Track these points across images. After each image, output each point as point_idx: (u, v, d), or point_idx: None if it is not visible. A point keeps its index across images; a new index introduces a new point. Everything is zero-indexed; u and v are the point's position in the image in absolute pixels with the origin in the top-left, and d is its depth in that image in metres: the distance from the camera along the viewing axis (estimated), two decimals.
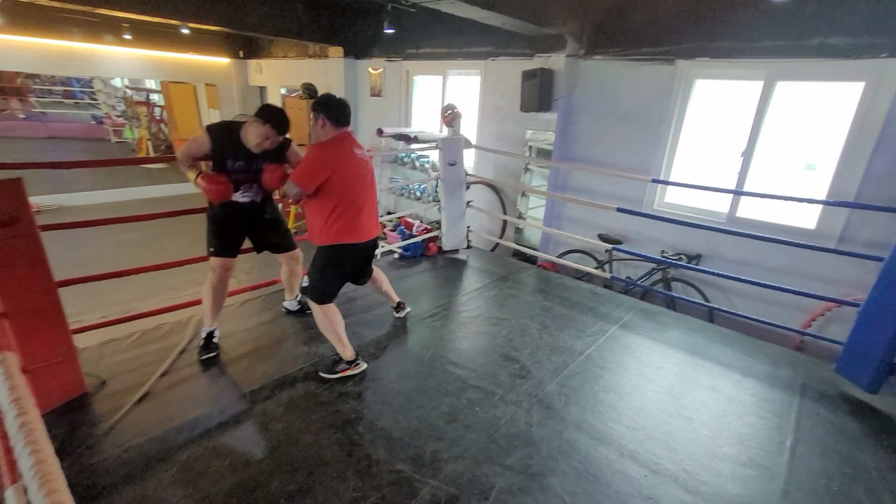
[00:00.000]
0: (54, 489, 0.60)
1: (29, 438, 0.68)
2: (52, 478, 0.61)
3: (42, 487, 0.60)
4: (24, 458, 0.65)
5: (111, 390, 2.26)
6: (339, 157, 2.27)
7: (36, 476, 0.61)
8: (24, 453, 0.65)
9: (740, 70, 3.73)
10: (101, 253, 5.62)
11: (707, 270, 3.53)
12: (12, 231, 1.71)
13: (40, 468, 0.63)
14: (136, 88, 13.54)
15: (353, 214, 2.33)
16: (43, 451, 0.66)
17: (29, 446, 0.66)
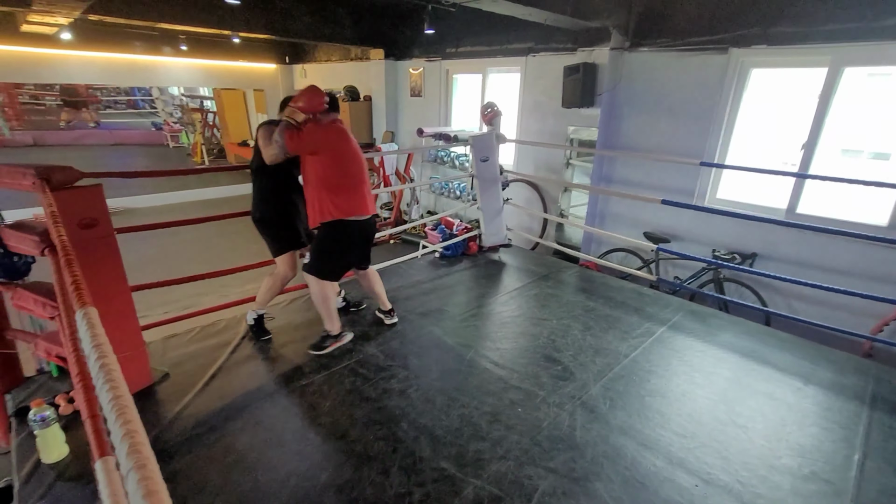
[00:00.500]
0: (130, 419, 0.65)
1: (108, 377, 0.74)
2: (128, 410, 0.66)
3: (118, 418, 0.65)
4: (103, 395, 0.72)
5: (174, 382, 2.42)
6: (335, 133, 2.46)
7: (113, 408, 0.67)
8: (104, 390, 0.72)
9: (802, 57, 3.50)
10: (161, 251, 6.01)
11: (764, 273, 3.32)
12: (93, 233, 1.88)
13: (117, 402, 0.68)
14: (190, 96, 14.35)
15: (352, 191, 2.50)
16: (120, 388, 0.72)
17: (108, 384, 0.73)
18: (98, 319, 0.90)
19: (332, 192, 2.46)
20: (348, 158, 2.49)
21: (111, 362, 0.76)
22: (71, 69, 7.62)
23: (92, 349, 0.79)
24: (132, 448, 0.57)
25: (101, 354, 0.77)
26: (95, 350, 0.78)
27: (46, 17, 4.52)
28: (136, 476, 0.53)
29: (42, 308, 1.95)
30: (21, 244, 1.90)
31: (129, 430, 0.60)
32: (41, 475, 1.82)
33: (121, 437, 0.59)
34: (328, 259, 2.58)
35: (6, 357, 2.36)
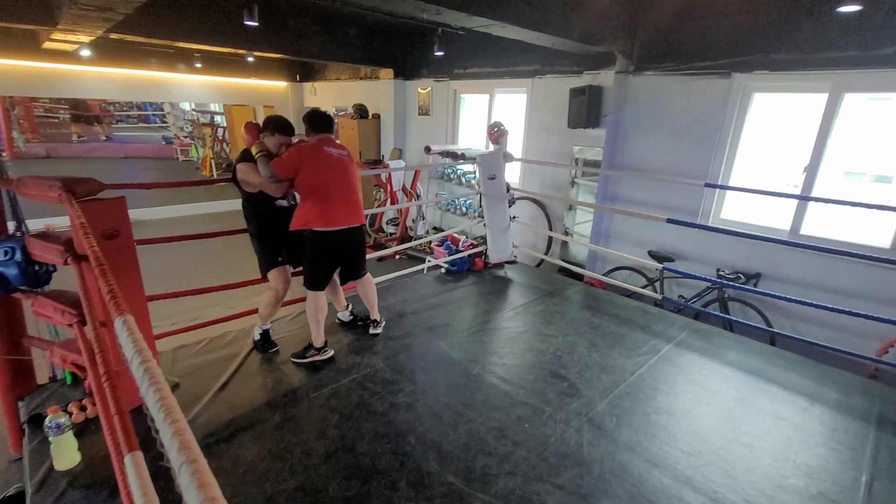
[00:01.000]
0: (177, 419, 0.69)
1: (153, 380, 0.79)
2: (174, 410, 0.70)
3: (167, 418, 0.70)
4: (149, 396, 0.76)
5: (184, 392, 2.45)
6: (310, 152, 2.59)
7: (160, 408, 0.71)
8: (150, 391, 0.76)
9: (803, 82, 3.58)
10: (169, 263, 6.07)
11: (768, 293, 3.35)
12: (115, 243, 1.94)
13: (164, 403, 0.73)
14: (201, 111, 14.64)
15: (326, 203, 2.61)
16: (164, 389, 0.77)
17: (153, 386, 0.77)
18: (136, 326, 0.95)
19: (312, 202, 2.61)
20: (324, 171, 2.60)
21: (153, 366, 0.80)
22: (88, 84, 7.82)
23: (134, 354, 0.83)
24: (182, 445, 0.61)
25: (145, 358, 0.81)
26: (138, 355, 0.83)
27: (69, 35, 4.68)
28: (188, 469, 0.57)
29: (61, 315, 2.00)
30: (45, 253, 1.96)
31: (178, 429, 0.64)
32: (53, 482, 1.84)
33: (170, 435, 0.64)
34: (309, 267, 2.74)
35: (21, 364, 2.40)
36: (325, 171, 2.61)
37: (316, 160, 2.59)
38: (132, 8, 3.33)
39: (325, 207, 2.61)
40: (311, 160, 2.58)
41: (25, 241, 2.02)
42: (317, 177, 2.59)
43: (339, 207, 2.65)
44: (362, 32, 6.61)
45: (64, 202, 1.84)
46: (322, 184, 2.60)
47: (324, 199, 2.61)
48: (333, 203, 2.64)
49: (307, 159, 2.57)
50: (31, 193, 1.99)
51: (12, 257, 1.98)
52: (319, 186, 2.60)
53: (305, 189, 2.61)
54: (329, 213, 2.62)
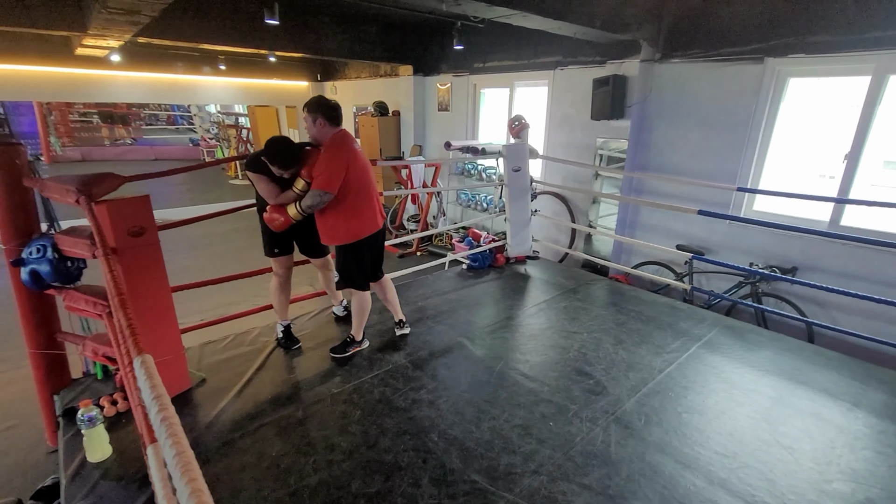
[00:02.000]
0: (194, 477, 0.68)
1: (170, 431, 0.78)
2: (193, 471, 0.69)
3: (183, 476, 0.68)
4: (167, 450, 0.75)
5: (210, 387, 2.48)
6: (350, 153, 2.42)
7: (178, 466, 0.70)
8: (167, 445, 0.75)
9: (844, 65, 3.39)
10: (196, 262, 6.22)
11: (808, 283, 3.18)
12: (141, 241, 1.97)
13: (181, 458, 0.72)
14: (226, 113, 14.96)
15: (368, 207, 2.53)
16: (182, 444, 0.76)
17: (171, 439, 0.76)
18: (154, 368, 0.95)
19: (344, 215, 2.46)
20: (361, 175, 2.47)
21: (171, 415, 0.80)
22: (118, 89, 8.07)
23: (152, 400, 0.83)
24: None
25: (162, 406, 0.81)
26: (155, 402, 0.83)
27: (100, 41, 4.82)
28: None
29: (93, 307, 2.05)
30: (75, 248, 2.01)
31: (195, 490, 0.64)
32: (86, 474, 1.89)
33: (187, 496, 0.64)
34: (356, 273, 2.66)
35: (56, 359, 2.48)
36: (364, 173, 2.49)
37: (356, 161, 2.43)
38: (157, 10, 3.39)
39: (362, 216, 2.51)
40: (353, 163, 2.40)
41: (56, 238, 2.08)
42: (358, 180, 2.44)
43: (374, 208, 2.57)
44: (381, 29, 6.61)
45: (81, 207, 1.86)
46: (363, 187, 2.47)
47: (366, 203, 2.50)
48: (373, 205, 2.56)
49: (350, 162, 2.39)
50: (53, 196, 2.04)
51: (44, 254, 2.03)
52: (361, 190, 2.46)
53: (349, 195, 2.41)
54: (365, 221, 2.53)
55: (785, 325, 3.56)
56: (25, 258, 2.10)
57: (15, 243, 2.17)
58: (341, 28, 6.29)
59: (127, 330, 1.10)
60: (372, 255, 2.72)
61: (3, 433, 2.92)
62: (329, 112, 2.40)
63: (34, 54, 6.60)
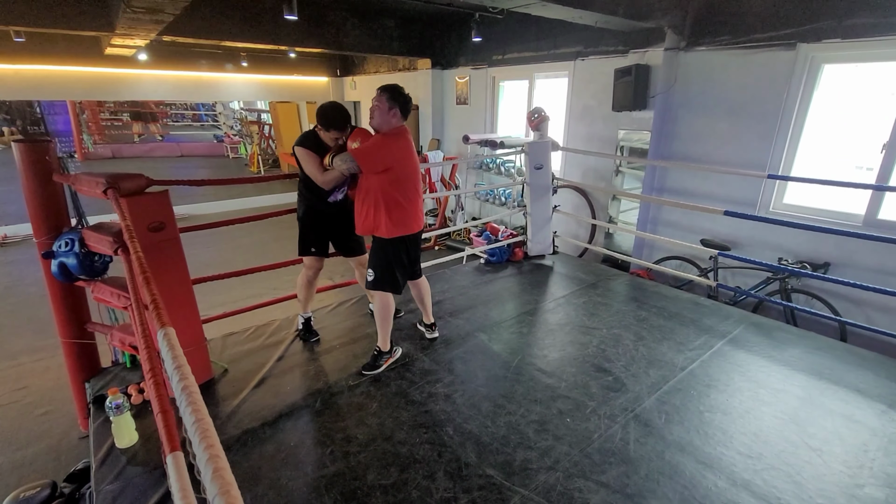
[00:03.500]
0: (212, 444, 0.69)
1: (190, 400, 0.79)
2: (210, 435, 0.70)
3: (202, 442, 0.69)
4: (186, 417, 0.76)
5: (232, 377, 2.54)
6: (404, 149, 2.37)
7: (196, 433, 0.71)
8: (187, 412, 0.76)
9: (884, 50, 3.21)
10: (219, 255, 6.36)
11: (842, 281, 3.04)
12: (161, 235, 2.02)
13: (200, 425, 0.73)
14: (249, 109, 15.21)
15: (413, 206, 2.46)
16: (201, 412, 0.77)
17: (190, 406, 0.77)
18: (176, 340, 0.97)
19: (389, 208, 2.37)
20: (410, 175, 2.41)
21: (191, 384, 0.81)
22: (146, 87, 8.29)
23: (174, 370, 0.84)
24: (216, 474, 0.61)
25: (183, 376, 0.82)
26: (177, 371, 0.83)
27: (127, 40, 4.95)
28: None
29: (118, 299, 2.12)
30: (98, 244, 2.07)
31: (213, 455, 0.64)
32: (114, 459, 1.96)
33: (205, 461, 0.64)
34: (387, 272, 2.52)
35: (86, 348, 2.57)
36: (413, 170, 2.42)
37: (410, 160, 2.37)
38: (179, 8, 3.45)
39: (406, 212, 2.42)
40: (405, 160, 2.35)
41: (83, 233, 2.14)
42: (407, 177, 2.37)
43: (417, 209, 2.49)
44: (400, 23, 6.59)
45: (109, 199, 1.92)
46: (410, 185, 2.40)
47: (406, 205, 2.41)
48: (414, 207, 2.46)
49: (403, 158, 2.34)
50: (84, 190, 2.10)
51: (72, 248, 2.10)
52: (409, 188, 2.39)
53: (396, 189, 2.35)
54: (409, 218, 2.45)
55: (816, 322, 3.42)
56: (55, 251, 2.17)
57: (46, 236, 2.25)
58: (360, 22, 6.30)
59: (151, 305, 1.13)
60: (409, 257, 2.60)
61: (39, 418, 3.06)
62: (405, 106, 2.38)
63: (66, 54, 6.84)
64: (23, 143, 2.19)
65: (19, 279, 5.51)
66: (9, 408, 3.18)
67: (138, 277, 1.31)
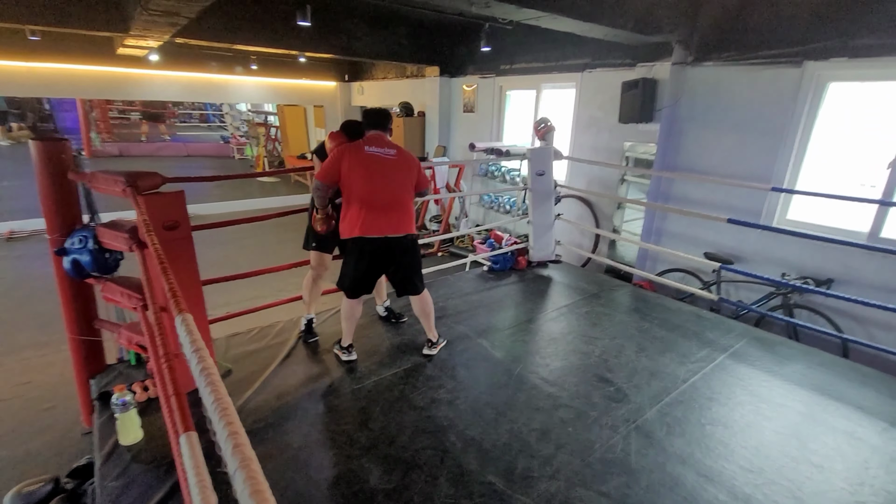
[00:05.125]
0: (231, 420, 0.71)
1: (209, 380, 0.82)
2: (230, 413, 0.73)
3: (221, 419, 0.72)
4: (206, 396, 0.79)
5: (236, 378, 2.56)
6: (349, 151, 2.46)
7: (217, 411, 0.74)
8: (206, 392, 0.79)
9: (889, 69, 3.24)
10: (224, 256, 6.39)
11: (845, 297, 3.05)
12: (175, 234, 2.05)
13: (220, 403, 0.75)
14: (256, 112, 15.33)
15: (361, 209, 2.46)
16: (220, 391, 0.80)
17: (209, 387, 0.80)
18: (193, 324, 0.99)
19: (352, 208, 2.48)
20: (363, 172, 2.44)
21: (210, 365, 0.83)
22: (156, 87, 8.37)
23: (192, 353, 0.87)
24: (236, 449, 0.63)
25: (201, 357, 0.84)
26: (195, 354, 0.86)
27: (140, 41, 5.02)
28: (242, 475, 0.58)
29: (127, 300, 2.14)
30: (114, 241, 2.10)
31: (233, 432, 0.66)
32: (119, 455, 1.98)
33: (225, 437, 0.66)
34: (344, 273, 2.62)
35: (92, 345, 2.60)
36: (364, 171, 2.44)
37: (353, 160, 2.44)
38: (195, 12, 3.51)
39: (363, 213, 2.45)
40: (348, 160, 2.44)
41: (97, 230, 2.18)
42: (353, 178, 2.44)
43: (378, 214, 2.47)
44: (410, 31, 6.67)
45: (128, 196, 1.96)
46: (360, 187, 2.44)
47: (361, 205, 2.45)
48: (373, 209, 2.46)
49: (345, 160, 2.44)
50: (101, 188, 2.14)
51: (86, 245, 2.13)
52: (357, 190, 2.44)
53: (345, 192, 2.49)
54: (367, 219, 2.45)
55: (818, 338, 3.43)
56: (68, 248, 2.21)
57: (59, 233, 2.29)
58: (371, 29, 6.37)
59: (170, 293, 1.15)
60: (377, 268, 2.61)
61: (42, 413, 3.08)
62: (364, 118, 2.63)
63: (79, 53, 6.91)
64: (40, 140, 2.23)
65: (26, 274, 5.56)
66: (12, 402, 3.20)
67: (156, 268, 1.34)
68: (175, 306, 1.11)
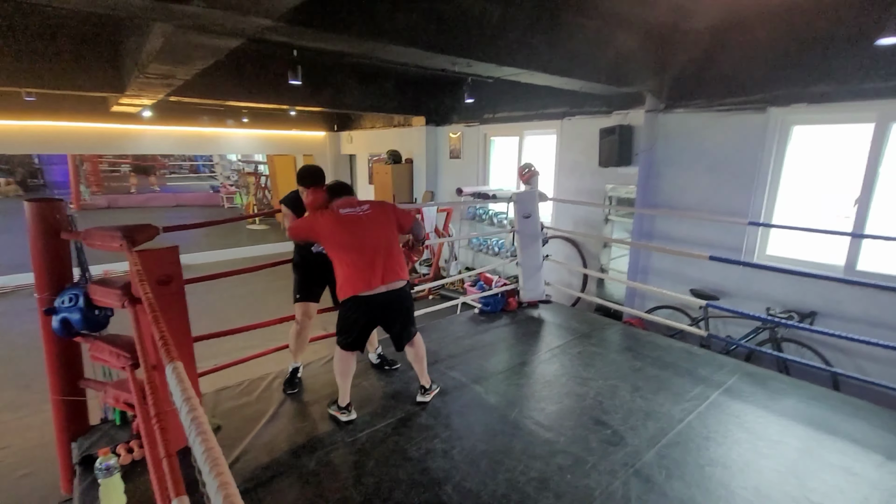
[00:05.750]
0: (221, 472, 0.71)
1: (199, 430, 0.82)
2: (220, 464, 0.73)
3: (212, 470, 0.72)
4: (196, 447, 0.78)
5: (225, 435, 2.48)
6: (324, 222, 2.53)
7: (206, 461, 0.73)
8: (197, 445, 0.79)
9: (846, 114, 3.48)
10: (211, 306, 6.32)
11: (828, 332, 3.12)
12: (167, 289, 2.06)
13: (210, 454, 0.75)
14: (246, 161, 15.62)
15: (354, 270, 2.49)
16: (212, 444, 0.79)
17: (199, 437, 0.80)
18: (185, 373, 1.00)
19: (343, 269, 2.51)
20: (344, 236, 2.49)
21: (200, 415, 0.83)
22: (148, 141, 8.55)
23: (182, 402, 0.87)
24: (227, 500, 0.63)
25: (192, 407, 0.85)
26: (186, 403, 0.86)
27: (135, 100, 5.18)
28: None
29: (116, 359, 2.11)
30: (106, 298, 2.09)
31: (223, 482, 0.66)
32: None
33: (216, 488, 0.66)
34: (342, 330, 2.60)
35: (76, 405, 2.52)
36: (345, 233, 2.50)
37: (331, 228, 2.50)
38: (191, 74, 3.67)
39: (355, 272, 2.48)
40: (325, 229, 2.51)
41: (88, 287, 2.17)
42: (337, 242, 2.50)
43: (369, 270, 2.48)
44: (397, 85, 6.99)
45: (125, 251, 1.98)
46: (345, 250, 2.50)
47: (352, 265, 2.48)
48: (363, 266, 2.49)
49: (321, 230, 2.52)
50: (97, 244, 2.16)
51: (76, 303, 2.12)
52: (343, 253, 2.50)
53: (333, 256, 2.54)
54: (360, 278, 2.47)
55: (808, 371, 3.46)
56: (58, 307, 2.19)
57: (48, 292, 2.28)
58: (359, 84, 6.66)
59: (160, 341, 1.15)
60: (374, 320, 2.62)
61: (18, 481, 2.93)
62: (329, 192, 2.70)
63: (72, 111, 7.08)
64: (35, 202, 2.26)
65: (7, 331, 5.42)
66: None
67: (149, 317, 1.34)
68: (166, 355, 1.11)
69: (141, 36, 3.40)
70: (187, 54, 3.03)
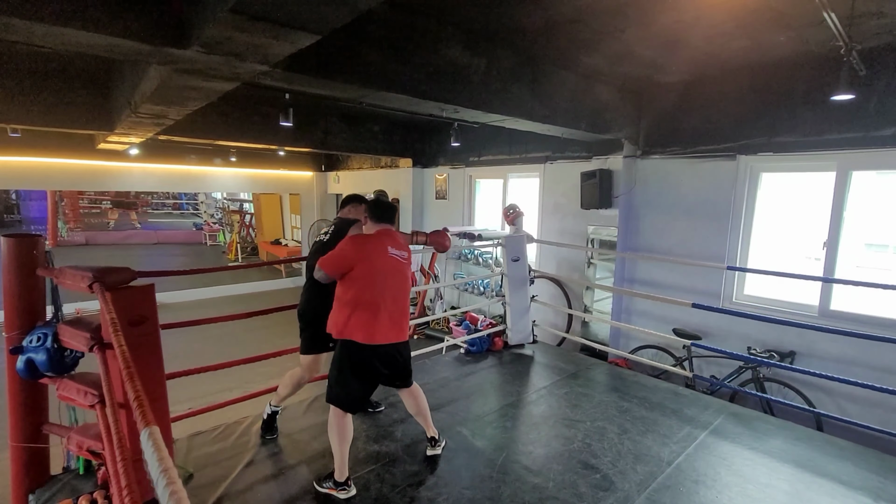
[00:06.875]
0: None
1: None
2: None
3: None
4: None
5: (198, 484, 2.35)
6: (368, 251, 2.27)
7: None
8: None
9: (809, 162, 3.70)
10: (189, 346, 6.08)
11: (807, 371, 3.18)
12: (140, 329, 1.98)
13: None
14: (231, 199, 15.59)
15: (371, 313, 2.23)
16: None
17: None
18: (162, 440, 0.96)
19: (354, 308, 2.23)
20: (374, 277, 2.25)
21: (179, 489, 0.80)
22: (134, 179, 8.50)
23: (160, 474, 0.83)
24: None
25: (170, 480, 0.81)
26: (163, 475, 0.82)
27: (123, 138, 5.20)
28: None
29: (83, 396, 2.00)
30: (73, 340, 2.01)
31: None
32: None
33: None
34: (340, 381, 2.29)
35: (37, 454, 2.36)
36: (379, 275, 2.26)
37: (372, 261, 2.25)
38: (183, 115, 3.73)
39: (370, 318, 2.22)
40: (366, 261, 2.24)
41: (58, 328, 2.10)
42: (368, 281, 2.23)
43: (385, 320, 2.26)
44: (384, 128, 7.19)
45: (95, 293, 1.92)
46: (372, 290, 2.23)
47: (370, 308, 2.22)
48: (380, 314, 2.24)
49: (362, 260, 2.23)
50: (67, 283, 2.09)
51: (43, 343, 2.04)
52: (368, 293, 2.23)
53: (352, 291, 2.24)
54: (373, 325, 2.22)
55: (792, 411, 3.47)
56: (25, 346, 2.10)
57: (18, 331, 2.18)
58: (347, 126, 6.84)
59: (135, 403, 1.09)
60: (376, 375, 2.34)
61: None
62: (371, 209, 2.48)
63: (58, 148, 7.04)
64: (11, 237, 2.21)
65: None
66: None
67: (122, 373, 1.28)
68: (142, 418, 1.05)
69: (135, 76, 3.47)
70: (182, 96, 3.09)
